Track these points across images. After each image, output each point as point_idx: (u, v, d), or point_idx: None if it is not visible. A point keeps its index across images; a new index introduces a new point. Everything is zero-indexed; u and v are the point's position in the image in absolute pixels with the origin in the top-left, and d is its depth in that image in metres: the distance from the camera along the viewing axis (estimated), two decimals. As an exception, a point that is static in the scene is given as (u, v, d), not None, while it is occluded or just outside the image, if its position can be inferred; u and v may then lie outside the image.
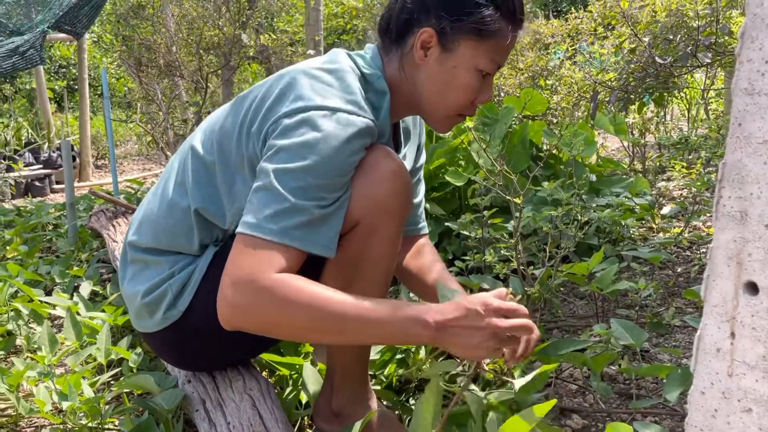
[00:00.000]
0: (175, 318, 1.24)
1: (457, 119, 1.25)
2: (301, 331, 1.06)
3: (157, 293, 1.25)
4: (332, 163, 1.06)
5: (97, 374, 1.71)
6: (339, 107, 1.09)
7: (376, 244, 1.15)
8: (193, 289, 1.23)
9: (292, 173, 1.05)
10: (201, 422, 1.25)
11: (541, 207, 2.63)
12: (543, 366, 1.31)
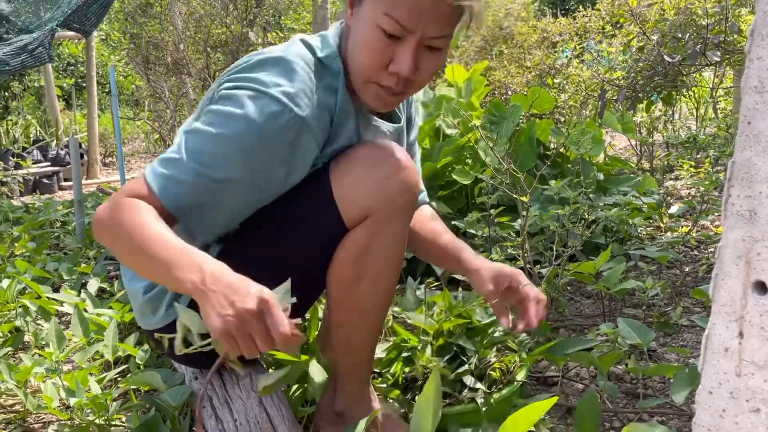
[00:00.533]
0: (174, 317, 1.24)
1: (380, 91, 1.10)
2: (120, 255, 1.04)
3: (157, 290, 1.24)
4: (238, 141, 1.04)
5: (105, 371, 1.72)
6: (268, 92, 1.05)
7: (385, 237, 1.16)
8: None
9: (199, 135, 1.06)
10: (208, 419, 1.26)
11: (548, 206, 2.62)
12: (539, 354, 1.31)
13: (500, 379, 1.43)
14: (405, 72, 1.05)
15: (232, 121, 1.04)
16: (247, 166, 1.06)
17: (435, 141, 3.01)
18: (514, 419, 0.90)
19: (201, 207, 1.07)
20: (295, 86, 1.06)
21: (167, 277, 0.95)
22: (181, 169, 1.04)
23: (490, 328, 1.53)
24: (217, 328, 0.87)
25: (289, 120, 1.04)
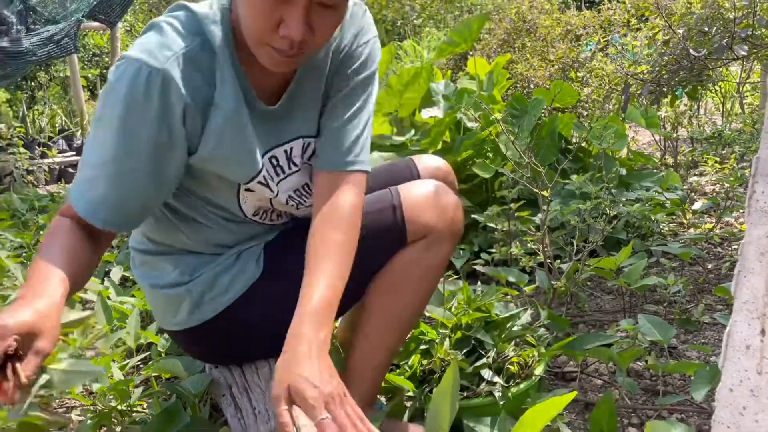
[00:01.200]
0: (197, 323, 1.25)
1: (274, 53, 1.01)
2: None
3: (173, 294, 1.24)
4: (113, 116, 1.00)
5: (127, 358, 1.75)
6: (127, 56, 1.00)
7: (434, 255, 1.24)
8: (223, 298, 1.21)
9: (93, 126, 1.04)
10: (227, 407, 1.27)
11: (569, 200, 2.60)
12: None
13: (518, 373, 1.42)
14: (296, 36, 0.96)
15: (103, 99, 1.02)
16: (128, 137, 1.00)
17: (456, 134, 3.00)
18: (532, 413, 0.90)
19: (107, 200, 1.02)
20: (154, 41, 1.01)
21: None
22: (82, 166, 1.04)
23: (509, 323, 1.53)
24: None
25: (147, 75, 0.98)
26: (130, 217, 1.06)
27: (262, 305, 1.23)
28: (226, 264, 1.22)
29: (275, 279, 1.22)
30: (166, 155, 1.04)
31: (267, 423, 1.15)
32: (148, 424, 1.26)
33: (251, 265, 1.22)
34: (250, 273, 1.22)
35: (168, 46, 1.00)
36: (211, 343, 1.31)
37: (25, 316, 0.85)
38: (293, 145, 1.19)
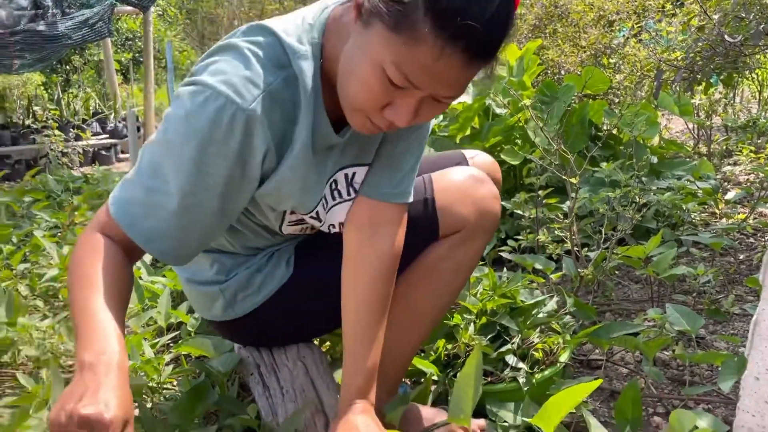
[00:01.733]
0: (233, 317, 1.27)
1: (368, 124, 0.96)
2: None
3: (208, 292, 1.26)
4: (183, 147, 0.91)
5: (158, 336, 1.79)
6: (209, 85, 0.91)
7: (466, 251, 1.22)
8: (256, 298, 1.23)
9: (151, 147, 0.95)
10: (255, 386, 1.30)
11: (598, 188, 2.58)
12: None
13: (543, 359, 1.43)
14: (401, 124, 0.92)
15: (175, 125, 0.92)
16: (200, 173, 0.92)
17: (484, 120, 2.98)
18: (556, 399, 0.90)
19: (168, 232, 0.95)
20: (237, 73, 0.92)
21: (77, 343, 0.85)
22: (136, 187, 0.95)
23: (534, 309, 1.53)
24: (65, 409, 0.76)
25: (232, 114, 0.90)
26: (188, 249, 0.99)
27: (291, 303, 1.25)
28: (259, 264, 1.24)
29: (304, 279, 1.24)
30: (235, 194, 0.98)
31: (294, 402, 1.17)
32: (178, 400, 1.30)
33: (282, 266, 1.23)
34: (281, 274, 1.23)
35: (254, 82, 0.92)
36: (243, 332, 1.34)
37: (117, 404, 0.77)
38: (356, 170, 1.14)
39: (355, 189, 1.14)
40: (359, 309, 1.10)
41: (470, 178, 1.22)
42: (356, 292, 1.11)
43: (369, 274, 1.11)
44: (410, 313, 1.23)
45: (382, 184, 1.14)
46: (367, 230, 1.13)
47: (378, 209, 1.13)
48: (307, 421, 1.10)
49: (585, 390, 0.90)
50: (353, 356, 1.08)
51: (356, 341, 1.09)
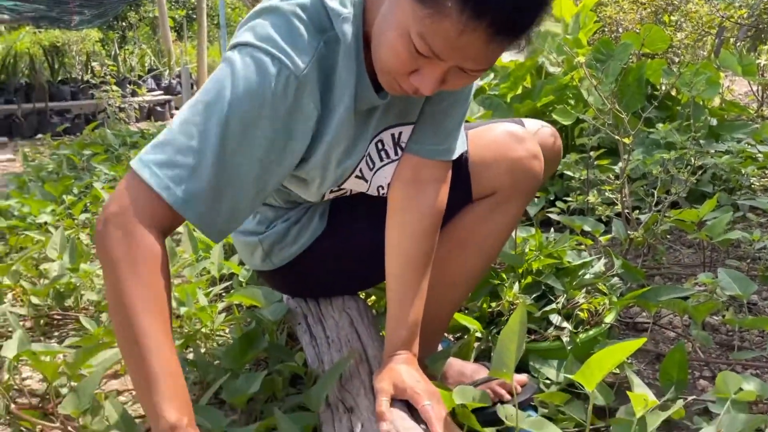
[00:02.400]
0: (269, 269, 1.31)
1: (396, 87, 0.95)
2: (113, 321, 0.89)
3: (249, 242, 1.29)
4: (231, 108, 0.89)
5: (211, 286, 1.85)
6: (261, 47, 0.90)
7: (502, 214, 1.21)
8: (291, 249, 1.26)
9: (190, 108, 0.92)
10: (303, 335, 1.34)
11: (652, 150, 2.52)
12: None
13: (588, 320, 1.43)
14: (426, 92, 0.92)
15: (223, 86, 0.90)
16: (245, 133, 0.91)
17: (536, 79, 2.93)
18: (599, 356, 0.90)
19: (204, 194, 0.90)
20: (282, 36, 0.91)
21: (145, 400, 0.85)
22: (169, 150, 0.89)
23: (581, 270, 1.53)
24: None
25: (286, 78, 0.90)
26: (219, 218, 0.93)
27: (325, 256, 1.27)
28: (296, 217, 1.26)
29: (338, 233, 1.26)
30: (275, 164, 0.96)
31: (339, 351, 1.21)
32: (230, 346, 1.35)
33: (316, 219, 1.25)
34: (315, 227, 1.25)
35: (303, 48, 0.92)
36: (284, 283, 1.38)
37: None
38: (403, 130, 1.13)
39: (402, 148, 1.15)
40: (403, 263, 1.12)
41: (508, 135, 1.19)
42: (400, 247, 1.13)
43: (413, 229, 1.12)
44: (447, 275, 1.24)
45: (426, 141, 1.13)
46: (412, 187, 1.14)
47: (423, 166, 1.14)
48: (351, 370, 1.13)
49: (629, 348, 0.90)
50: (397, 309, 1.10)
51: (400, 295, 1.11)
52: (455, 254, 1.24)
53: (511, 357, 1.01)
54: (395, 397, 1.01)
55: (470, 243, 1.23)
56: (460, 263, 1.25)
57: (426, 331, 1.16)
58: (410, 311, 1.10)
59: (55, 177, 3.33)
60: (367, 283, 1.40)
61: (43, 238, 2.14)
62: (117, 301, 0.86)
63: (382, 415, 0.96)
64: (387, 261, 1.13)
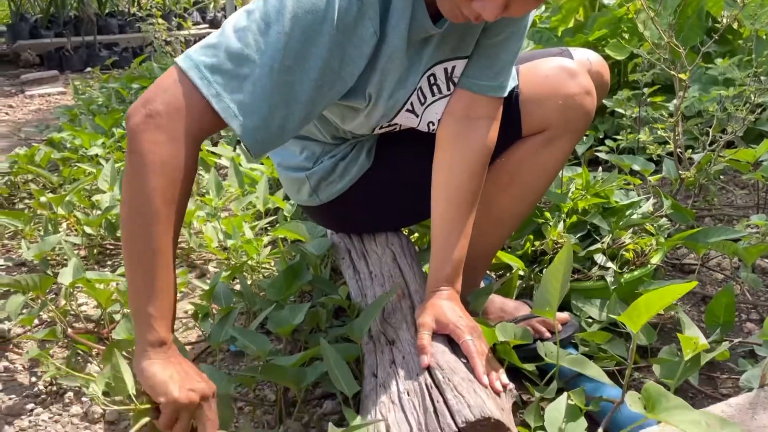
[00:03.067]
0: (316, 204, 1.31)
1: (457, 13, 0.92)
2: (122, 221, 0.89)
3: (296, 177, 1.30)
4: (298, 15, 0.86)
5: (256, 220, 1.89)
6: None
7: (550, 152, 1.19)
8: (337, 185, 1.26)
9: (247, 16, 0.88)
10: (346, 269, 1.36)
11: (709, 87, 2.41)
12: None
13: (633, 260, 1.41)
14: (490, 18, 0.88)
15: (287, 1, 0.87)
16: (304, 50, 0.88)
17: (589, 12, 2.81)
18: (647, 298, 0.88)
19: (252, 105, 0.88)
20: None
21: (142, 310, 0.86)
22: (221, 54, 0.87)
23: (628, 210, 1.50)
24: (177, 398, 0.83)
25: (348, 1, 0.88)
26: (266, 134, 0.91)
27: (371, 192, 1.27)
28: (343, 154, 1.25)
29: (385, 169, 1.25)
30: (327, 87, 0.93)
31: (382, 286, 1.22)
32: (275, 278, 1.38)
33: (363, 155, 1.25)
34: (362, 163, 1.25)
35: None
36: (329, 218, 1.40)
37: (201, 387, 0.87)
38: (456, 64, 1.10)
39: (455, 83, 1.12)
40: (449, 201, 1.11)
41: (561, 70, 1.16)
42: (447, 184, 1.12)
43: (462, 165, 1.11)
44: (492, 213, 1.23)
45: (479, 76, 1.11)
46: (463, 123, 1.12)
47: (474, 102, 1.11)
48: (393, 304, 1.15)
49: (679, 290, 0.88)
50: (441, 245, 1.10)
51: (445, 232, 1.11)
52: (502, 191, 1.22)
53: (554, 295, 1.01)
54: (437, 332, 1.02)
55: (517, 181, 1.22)
56: (506, 201, 1.24)
57: (469, 268, 1.16)
58: (454, 248, 1.10)
59: (104, 110, 3.39)
60: (412, 220, 1.41)
61: (95, 170, 2.19)
62: (140, 208, 0.84)
63: (423, 348, 0.98)
64: (433, 198, 1.13)
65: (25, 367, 1.34)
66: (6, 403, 1.22)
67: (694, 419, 0.77)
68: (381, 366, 1.04)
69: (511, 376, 1.00)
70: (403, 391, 0.96)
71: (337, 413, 1.14)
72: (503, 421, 0.85)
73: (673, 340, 1.32)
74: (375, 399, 0.98)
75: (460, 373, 0.93)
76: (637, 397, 0.84)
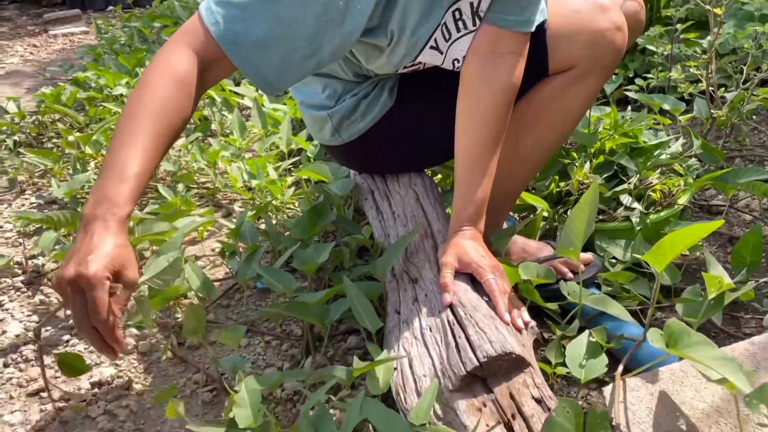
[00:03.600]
0: (338, 144, 1.31)
1: None
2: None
3: (318, 116, 1.29)
4: None
5: (280, 161, 1.89)
6: None
7: (578, 90, 1.16)
8: (359, 124, 1.25)
9: None
10: (369, 210, 1.37)
11: (745, 23, 2.32)
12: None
13: (660, 201, 1.39)
14: None
15: None
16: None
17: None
18: (672, 237, 0.87)
19: (254, 37, 0.90)
20: None
21: (98, 182, 0.83)
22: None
23: (657, 150, 1.47)
24: (61, 273, 0.78)
25: None
26: (268, 69, 0.92)
27: (394, 132, 1.26)
28: (365, 92, 1.24)
29: (407, 108, 1.24)
30: (334, 25, 0.92)
31: (405, 226, 1.23)
32: (299, 218, 1.39)
33: (385, 94, 1.23)
34: (384, 102, 1.23)
35: None
36: (352, 158, 1.39)
37: (108, 254, 0.78)
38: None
39: (480, 18, 1.09)
40: (473, 139, 1.10)
41: (592, 4, 1.12)
42: (472, 123, 1.10)
43: (486, 104, 1.09)
44: (517, 152, 1.21)
45: (505, 11, 1.07)
46: (488, 59, 1.09)
47: (501, 37, 1.08)
48: (416, 244, 1.16)
49: (705, 229, 0.87)
50: (465, 185, 1.10)
51: (468, 171, 1.10)
52: (527, 131, 1.20)
53: (578, 236, 1.00)
54: (459, 271, 1.03)
55: (543, 120, 1.19)
56: (532, 140, 1.22)
57: (492, 208, 1.16)
58: (478, 188, 1.09)
59: (127, 50, 3.38)
60: (435, 161, 1.40)
61: (120, 109, 2.21)
62: (127, 101, 0.89)
63: (445, 286, 0.99)
64: (457, 136, 1.11)
65: (59, 300, 1.38)
66: (43, 334, 1.27)
67: (716, 355, 0.77)
68: (404, 303, 1.06)
69: (533, 315, 1.00)
70: (425, 327, 0.97)
71: (361, 348, 1.17)
72: (524, 357, 0.86)
73: (697, 280, 1.32)
74: (398, 335, 1.00)
75: (481, 310, 0.94)
76: (659, 334, 0.84)
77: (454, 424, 0.85)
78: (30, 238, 1.66)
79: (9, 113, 2.44)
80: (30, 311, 1.35)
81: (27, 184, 2.00)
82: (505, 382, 0.87)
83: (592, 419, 0.76)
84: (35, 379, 1.15)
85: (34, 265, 1.51)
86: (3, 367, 1.19)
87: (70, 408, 1.08)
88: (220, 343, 1.22)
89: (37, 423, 1.05)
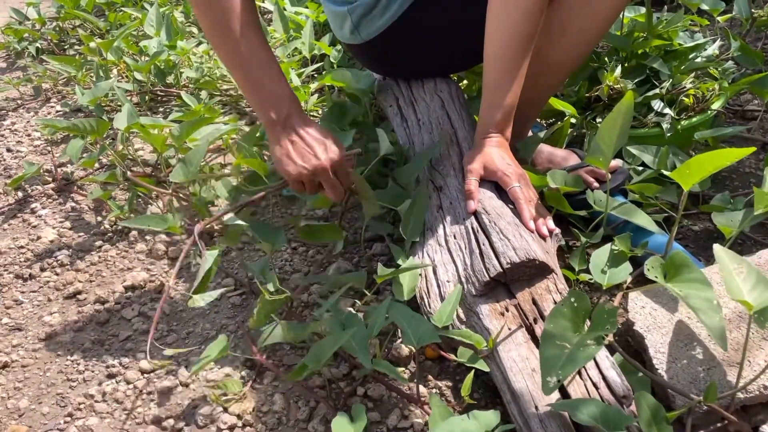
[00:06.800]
0: (359, 42, 1.27)
1: None
2: (208, 35, 1.04)
3: (339, 12, 1.25)
4: None
5: (303, 67, 1.86)
6: None
7: (602, 2, 1.08)
8: (378, 21, 1.21)
9: None
10: (394, 117, 1.35)
11: None
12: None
13: (693, 106, 1.35)
14: None
15: None
16: None
17: None
18: (700, 159, 0.85)
19: None
20: None
21: (248, 98, 1.04)
22: None
23: (692, 53, 1.41)
24: (291, 175, 1.02)
25: None
26: None
27: (414, 30, 1.22)
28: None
29: (428, 5, 1.18)
30: None
31: (430, 133, 1.21)
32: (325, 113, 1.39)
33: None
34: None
35: None
36: (374, 59, 1.35)
37: (328, 136, 1.03)
38: None
39: None
40: (503, 43, 1.05)
41: None
42: (502, 25, 1.05)
43: (517, 5, 1.04)
44: (546, 59, 1.16)
45: None
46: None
47: None
48: (441, 152, 1.15)
49: (735, 155, 0.84)
50: (492, 90, 1.07)
51: (497, 77, 1.07)
52: (556, 37, 1.15)
53: (609, 146, 0.97)
54: (484, 178, 1.03)
55: (573, 26, 1.13)
56: (561, 47, 1.16)
57: (519, 115, 1.13)
58: (506, 94, 1.06)
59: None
60: (460, 65, 1.36)
61: (140, 15, 2.17)
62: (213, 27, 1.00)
63: (470, 193, 0.99)
64: (486, 39, 1.07)
65: (90, 207, 1.41)
66: (76, 240, 1.31)
67: (708, 297, 0.77)
68: (428, 211, 1.06)
69: (558, 223, 1.00)
70: (449, 234, 0.98)
71: (385, 254, 1.18)
72: (547, 263, 0.87)
73: (725, 187, 1.30)
74: (422, 242, 1.01)
75: (506, 218, 0.94)
76: (658, 263, 0.84)
77: (477, 327, 0.87)
78: (58, 146, 1.68)
79: (30, 20, 2.41)
80: (62, 218, 1.39)
81: (51, 92, 2.00)
82: (528, 287, 0.88)
83: (598, 314, 0.76)
84: (71, 283, 1.19)
85: (64, 173, 1.53)
86: (40, 271, 1.23)
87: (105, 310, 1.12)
88: (249, 249, 1.24)
89: (75, 324, 1.10)
